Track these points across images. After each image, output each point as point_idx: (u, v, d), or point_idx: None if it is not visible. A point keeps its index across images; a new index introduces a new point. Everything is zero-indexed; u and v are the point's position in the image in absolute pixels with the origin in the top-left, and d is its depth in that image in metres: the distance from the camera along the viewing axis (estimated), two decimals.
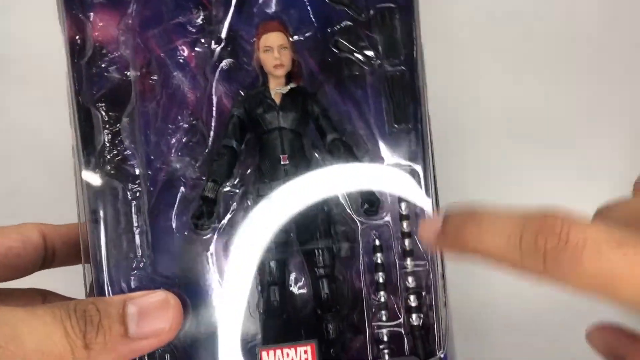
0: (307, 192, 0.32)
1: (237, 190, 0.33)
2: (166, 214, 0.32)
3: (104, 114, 0.32)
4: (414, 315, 0.31)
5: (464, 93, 0.48)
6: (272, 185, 0.32)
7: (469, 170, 0.48)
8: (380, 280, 0.32)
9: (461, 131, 0.48)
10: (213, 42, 0.33)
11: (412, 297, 0.31)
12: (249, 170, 0.33)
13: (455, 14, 0.48)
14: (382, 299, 0.32)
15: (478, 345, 0.45)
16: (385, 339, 0.31)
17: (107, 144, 0.32)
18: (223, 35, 0.33)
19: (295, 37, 0.33)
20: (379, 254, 0.32)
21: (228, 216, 0.32)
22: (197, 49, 0.33)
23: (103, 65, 0.33)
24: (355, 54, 0.33)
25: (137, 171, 0.32)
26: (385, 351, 0.31)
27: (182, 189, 0.32)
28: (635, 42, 0.48)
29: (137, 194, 0.32)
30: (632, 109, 0.48)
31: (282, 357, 0.30)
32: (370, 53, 0.33)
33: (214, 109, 0.33)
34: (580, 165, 0.48)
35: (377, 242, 0.32)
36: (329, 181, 0.32)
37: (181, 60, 0.34)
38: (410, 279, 0.32)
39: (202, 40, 0.33)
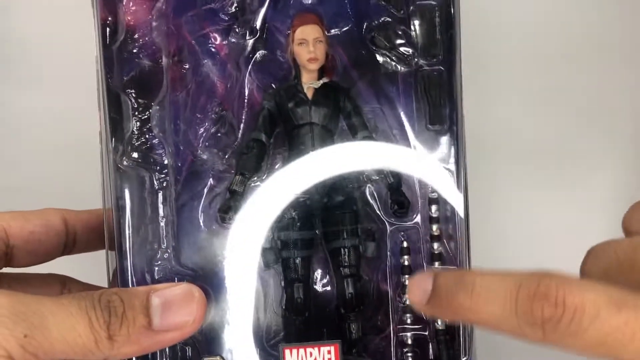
0: (335, 182, 0.31)
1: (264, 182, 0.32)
2: (193, 206, 0.32)
3: (133, 100, 0.32)
4: (439, 320, 0.31)
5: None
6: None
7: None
8: (407, 283, 0.31)
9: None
10: (247, 33, 0.32)
11: None
12: (277, 165, 0.32)
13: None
14: (408, 302, 0.31)
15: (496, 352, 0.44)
16: (409, 342, 0.31)
17: (136, 132, 0.32)
18: (257, 25, 0.32)
19: (332, 31, 0.32)
20: (406, 256, 0.31)
21: None
22: (230, 39, 0.33)
23: (134, 51, 0.32)
24: (392, 51, 0.32)
25: (165, 161, 0.32)
26: (409, 354, 0.31)
27: (210, 181, 0.32)
28: None
29: (164, 184, 0.32)
30: None
31: (305, 357, 0.29)
32: (407, 50, 0.32)
33: (246, 101, 0.33)
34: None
35: (405, 244, 0.32)
36: (359, 164, 0.32)
37: (212, 49, 0.33)
38: None
39: (237, 30, 0.32)
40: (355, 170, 0.32)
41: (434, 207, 0.32)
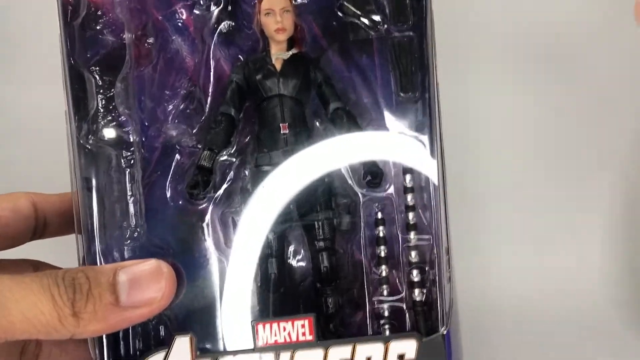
0: (308, 163, 0.31)
1: (234, 160, 0.31)
2: (161, 183, 0.31)
3: (97, 78, 0.31)
4: (416, 291, 0.30)
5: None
6: (271, 155, 0.31)
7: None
8: (382, 254, 0.31)
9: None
10: (212, 3, 0.32)
11: (414, 272, 0.30)
12: (247, 139, 0.32)
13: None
14: (384, 273, 0.31)
15: (485, 347, 0.44)
16: (386, 314, 0.30)
17: (101, 110, 0.31)
18: None
19: (299, 0, 0.31)
20: (380, 227, 0.31)
21: (224, 186, 0.31)
22: (195, 11, 0.32)
23: (98, 28, 0.31)
24: (361, 19, 0.31)
25: (132, 138, 0.31)
26: (386, 326, 0.30)
27: (178, 157, 0.31)
28: None
29: (132, 162, 0.31)
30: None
31: (278, 331, 0.29)
32: (377, 17, 0.31)
33: (212, 73, 0.32)
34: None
35: (380, 215, 0.31)
36: (332, 151, 0.31)
37: (180, 24, 0.32)
38: (413, 253, 0.31)
39: (201, 2, 0.32)
40: (326, 142, 0.31)
41: (408, 177, 0.31)
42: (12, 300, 0.26)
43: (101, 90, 0.31)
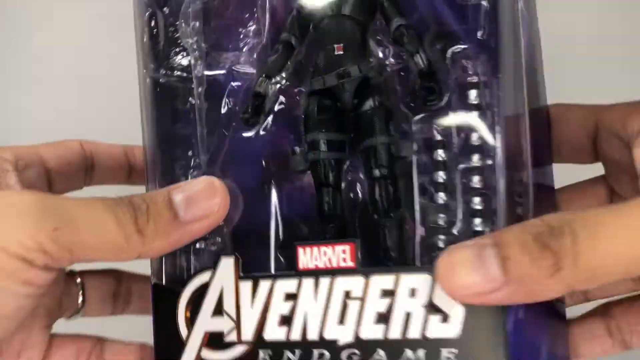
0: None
1: (289, 85, 0.31)
2: (220, 111, 0.31)
3: (166, 13, 0.32)
4: (476, 220, 0.27)
5: None
6: (325, 78, 0.29)
7: None
8: (440, 180, 0.27)
9: None
10: None
11: (476, 200, 0.27)
12: (301, 64, 0.31)
13: None
14: (441, 201, 0.27)
15: None
16: (442, 245, 0.27)
17: (169, 44, 0.32)
18: None
19: None
20: (439, 151, 0.28)
21: (277, 110, 0.30)
22: None
23: None
24: None
25: (197, 71, 0.32)
26: None
27: (235, 84, 0.31)
28: None
29: (195, 94, 0.32)
30: None
31: (318, 255, 0.27)
32: None
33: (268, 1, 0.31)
34: None
35: (438, 137, 0.28)
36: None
37: None
38: (475, 178, 0.27)
39: None
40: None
41: (473, 93, 0.27)
42: (81, 217, 0.26)
43: (170, 28, 0.32)
